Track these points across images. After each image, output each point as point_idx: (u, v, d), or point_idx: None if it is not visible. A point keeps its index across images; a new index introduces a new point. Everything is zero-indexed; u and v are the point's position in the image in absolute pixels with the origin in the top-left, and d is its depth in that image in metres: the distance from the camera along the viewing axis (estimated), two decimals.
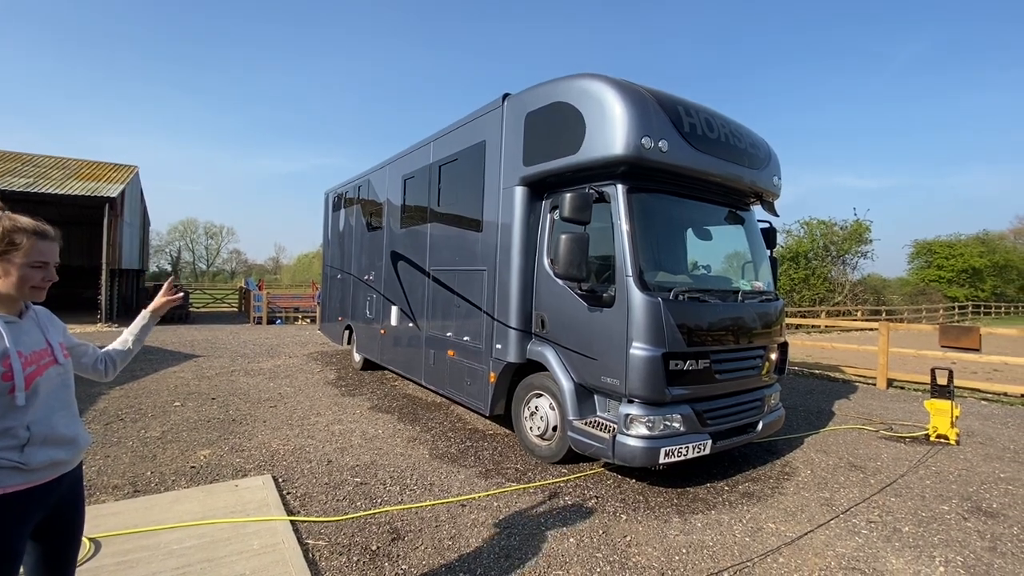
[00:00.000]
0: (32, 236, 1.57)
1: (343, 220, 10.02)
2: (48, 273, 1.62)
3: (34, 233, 1.58)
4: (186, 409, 6.18)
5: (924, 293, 36.31)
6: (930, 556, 3.28)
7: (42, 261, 1.59)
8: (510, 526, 3.47)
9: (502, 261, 4.98)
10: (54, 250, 1.64)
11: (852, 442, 5.65)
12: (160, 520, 3.29)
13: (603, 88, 4.14)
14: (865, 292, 30.15)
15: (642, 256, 4.07)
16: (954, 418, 5.65)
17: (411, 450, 4.95)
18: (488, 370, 5.19)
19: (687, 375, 3.99)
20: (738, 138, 4.72)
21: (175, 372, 8.53)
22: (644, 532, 3.46)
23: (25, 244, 1.55)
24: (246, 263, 69.23)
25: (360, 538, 3.26)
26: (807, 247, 28.97)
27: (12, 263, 1.53)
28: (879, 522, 3.72)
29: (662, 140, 4.04)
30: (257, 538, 3.13)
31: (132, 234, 20.61)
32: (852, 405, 7.60)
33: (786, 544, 3.36)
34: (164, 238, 61.87)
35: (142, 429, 5.33)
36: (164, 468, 4.30)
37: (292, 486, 4.02)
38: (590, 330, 4.25)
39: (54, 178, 16.41)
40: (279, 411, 6.22)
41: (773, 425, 4.84)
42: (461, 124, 5.92)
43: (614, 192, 4.17)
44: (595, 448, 4.10)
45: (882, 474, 4.68)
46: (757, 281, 5.09)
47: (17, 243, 1.53)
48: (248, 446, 4.91)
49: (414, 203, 7.00)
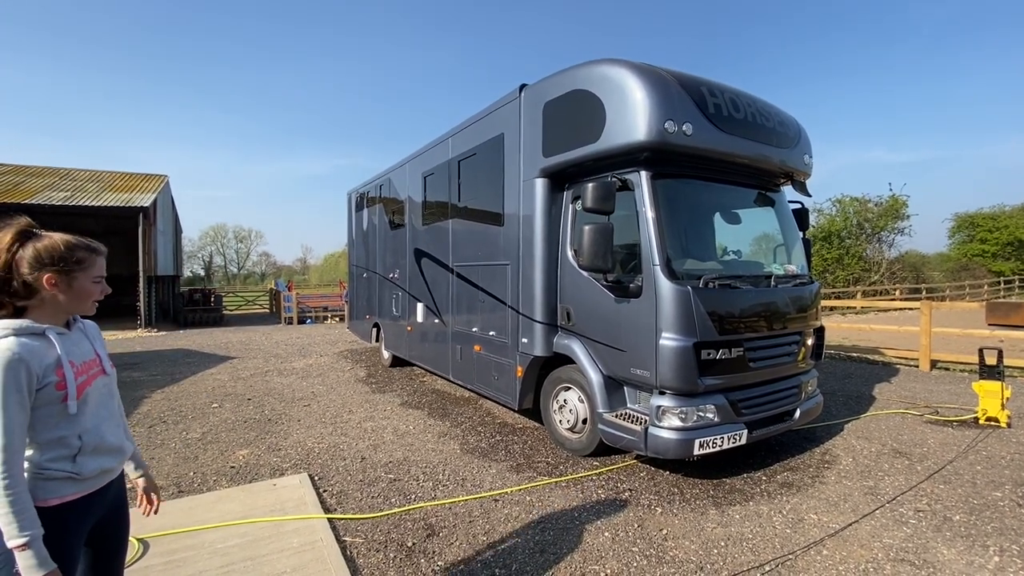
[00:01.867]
0: (92, 252, 1.62)
1: (366, 219, 10.12)
2: (104, 287, 1.68)
3: (91, 250, 1.63)
4: (224, 410, 6.36)
5: (967, 268, 34.68)
6: (983, 545, 3.13)
7: (101, 275, 1.65)
8: (544, 520, 3.46)
9: (525, 254, 4.94)
10: (104, 264, 1.70)
11: (895, 427, 5.44)
12: (204, 520, 3.40)
13: (622, 73, 4.04)
14: (903, 270, 29.00)
15: (669, 244, 3.98)
16: (1005, 400, 5.39)
17: (442, 445, 4.99)
18: (515, 364, 5.18)
19: (720, 364, 3.89)
20: (766, 117, 4.55)
21: (212, 374, 8.79)
22: (680, 525, 3.41)
23: (88, 260, 1.60)
24: (275, 265, 70.83)
25: (396, 534, 3.30)
26: (840, 226, 27.99)
27: (75, 279, 1.57)
28: (928, 511, 3.58)
29: (686, 123, 3.92)
30: (296, 536, 3.20)
31: (166, 241, 21.29)
32: (894, 388, 7.33)
33: (829, 536, 3.25)
34: (196, 244, 63.75)
35: (184, 431, 5.52)
36: (205, 468, 4.44)
37: (328, 484, 4.10)
38: (617, 321, 4.18)
39: (90, 191, 17.04)
40: (313, 409, 6.35)
41: (811, 412, 4.70)
42: (479, 118, 5.87)
43: (637, 179, 4.08)
44: (627, 441, 4.05)
45: (929, 460, 4.50)
46: (790, 264, 4.92)
47: (82, 260, 1.58)
48: (284, 445, 5.03)
49: (435, 199, 7.01)
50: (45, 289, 1.52)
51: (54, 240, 1.55)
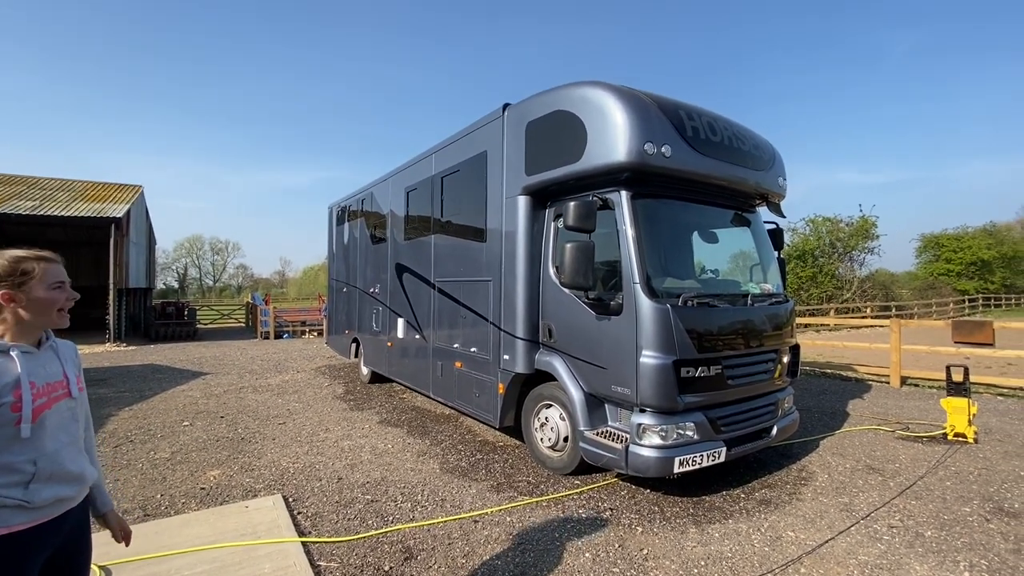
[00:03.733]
0: (39, 261, 1.57)
1: (347, 233, 10.04)
2: (69, 292, 1.63)
3: (38, 258, 1.58)
4: (195, 428, 6.16)
5: (933, 287, 35.97)
6: (954, 561, 3.20)
7: (60, 281, 1.60)
8: (524, 541, 3.42)
9: (507, 271, 4.95)
10: (63, 270, 1.64)
11: (869, 443, 5.56)
12: (171, 545, 3.26)
13: (603, 95, 4.12)
14: (873, 288, 29.87)
15: (649, 262, 4.03)
16: (971, 416, 5.55)
17: (421, 465, 4.90)
18: (496, 381, 5.15)
19: (699, 382, 3.94)
20: (742, 140, 4.68)
21: (183, 391, 8.53)
22: (661, 544, 3.40)
23: (37, 270, 1.55)
24: (252, 277, 69.67)
25: (372, 558, 3.21)
26: (813, 245, 28.77)
27: (31, 291, 1.53)
28: (901, 527, 3.64)
29: (665, 145, 4.02)
30: (268, 561, 3.09)
31: (138, 253, 20.75)
32: (866, 404, 7.49)
33: (807, 553, 3.28)
34: (170, 255, 62.44)
35: (151, 450, 5.32)
36: (174, 490, 4.28)
37: (303, 505, 3.99)
38: (598, 339, 4.20)
39: (60, 200, 16.56)
40: (288, 428, 6.20)
41: (788, 429, 4.77)
42: (462, 135, 5.91)
43: (618, 199, 4.14)
44: (607, 459, 4.05)
45: (901, 476, 4.60)
46: (766, 283, 5.03)
47: (29, 271, 1.54)
48: (258, 465, 4.89)
49: (417, 215, 7.00)
50: (5, 306, 1.48)
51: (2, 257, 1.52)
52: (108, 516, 1.81)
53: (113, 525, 1.82)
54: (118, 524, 1.84)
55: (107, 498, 1.83)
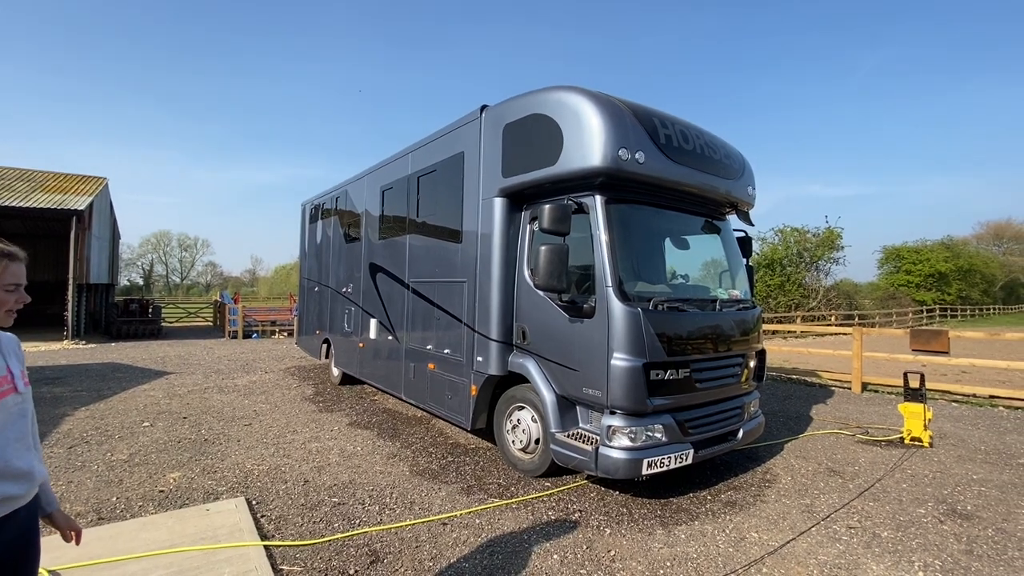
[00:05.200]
0: (4, 258, 1.51)
1: (320, 232, 9.87)
2: (20, 295, 1.56)
3: (4, 255, 1.51)
4: (155, 430, 5.95)
5: (894, 297, 37.33)
6: (909, 561, 3.31)
7: (15, 283, 1.53)
8: (493, 544, 3.40)
9: (482, 272, 4.94)
10: (24, 272, 1.58)
11: (830, 447, 5.72)
12: (126, 549, 3.14)
13: (580, 100, 4.16)
14: (838, 297, 30.83)
15: (621, 266, 4.08)
16: (927, 421, 5.77)
17: (391, 467, 4.84)
18: (469, 383, 5.12)
19: (668, 385, 3.99)
20: (713, 149, 4.78)
21: (145, 390, 8.24)
22: (628, 546, 3.43)
23: None
24: (222, 275, 67.85)
25: (337, 562, 3.15)
26: (782, 254, 29.53)
27: None
28: (859, 528, 3.75)
29: (639, 151, 4.08)
30: (228, 565, 3.00)
31: (101, 248, 19.99)
32: (829, 410, 7.72)
33: (769, 553, 3.36)
34: (136, 251, 60.36)
35: (108, 452, 5.11)
36: (131, 493, 4.12)
37: (267, 508, 3.88)
38: (571, 341, 4.22)
39: (19, 190, 15.85)
40: (254, 429, 6.04)
41: (753, 432, 4.87)
42: (439, 135, 5.89)
43: (592, 203, 4.18)
44: (578, 461, 4.06)
45: (860, 479, 4.75)
46: (734, 289, 5.15)
47: None
48: (221, 467, 4.74)
49: (392, 214, 6.93)
50: None
51: None
52: (54, 516, 1.74)
53: (61, 524, 1.75)
54: (66, 523, 1.76)
55: (52, 497, 1.75)
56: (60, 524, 1.75)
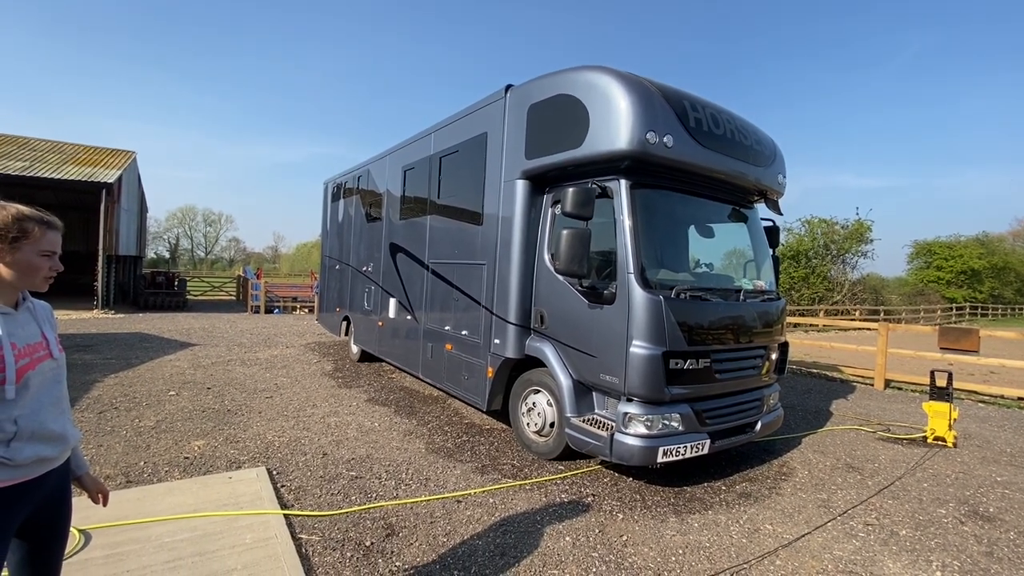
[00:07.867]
0: (42, 225, 1.55)
1: (342, 210, 9.94)
2: (55, 263, 1.60)
3: (43, 223, 1.56)
4: (181, 398, 6.13)
5: (922, 294, 36.31)
6: (927, 560, 3.26)
7: (51, 250, 1.57)
8: (506, 523, 3.44)
9: (502, 255, 4.92)
10: (59, 240, 1.62)
11: (850, 443, 5.63)
12: (152, 512, 3.26)
13: (608, 81, 4.07)
14: (864, 292, 30.09)
15: (644, 253, 4.02)
16: (952, 420, 5.63)
17: (407, 444, 4.92)
18: (486, 365, 5.15)
19: (687, 374, 3.95)
20: (744, 135, 4.65)
21: (171, 361, 8.48)
22: (640, 532, 3.44)
23: (36, 232, 1.53)
24: (244, 251, 69.19)
25: (354, 533, 3.23)
26: (808, 246, 28.87)
27: (21, 251, 1.50)
28: (876, 525, 3.70)
29: (667, 135, 3.98)
30: (250, 532, 3.10)
31: (129, 220, 20.47)
32: (850, 405, 7.59)
33: (783, 546, 3.33)
34: (163, 225, 61.80)
35: (136, 418, 5.29)
36: (157, 458, 4.26)
37: (286, 479, 3.99)
38: (590, 327, 4.20)
39: (51, 162, 16.25)
40: (275, 402, 6.18)
41: (772, 425, 4.82)
42: (463, 115, 5.83)
43: (617, 187, 4.11)
44: (592, 446, 4.07)
45: (880, 476, 4.67)
46: (759, 280, 5.04)
47: (28, 231, 1.51)
48: (243, 437, 4.88)
49: (414, 195, 6.93)
50: None
51: (6, 211, 1.49)
52: (83, 478, 1.80)
53: (89, 486, 1.81)
54: (94, 485, 1.82)
55: (83, 460, 1.81)
56: (89, 487, 1.81)
